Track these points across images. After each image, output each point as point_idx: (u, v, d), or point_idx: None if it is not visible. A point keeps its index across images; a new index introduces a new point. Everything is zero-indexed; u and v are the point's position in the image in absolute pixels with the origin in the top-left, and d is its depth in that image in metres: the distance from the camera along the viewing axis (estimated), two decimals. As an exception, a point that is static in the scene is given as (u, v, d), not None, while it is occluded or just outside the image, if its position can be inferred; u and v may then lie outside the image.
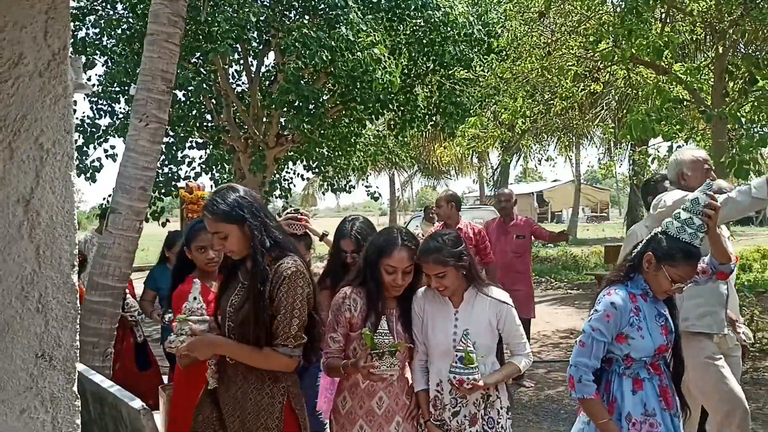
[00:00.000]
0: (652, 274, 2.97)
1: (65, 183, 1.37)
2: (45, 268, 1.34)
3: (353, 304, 3.02)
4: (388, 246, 3.03)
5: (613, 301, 2.97)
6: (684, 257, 2.90)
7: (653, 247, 3.00)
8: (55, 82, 1.37)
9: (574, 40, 8.61)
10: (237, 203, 2.62)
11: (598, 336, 2.95)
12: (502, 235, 7.27)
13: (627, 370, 2.98)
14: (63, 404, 1.35)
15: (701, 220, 2.95)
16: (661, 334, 2.96)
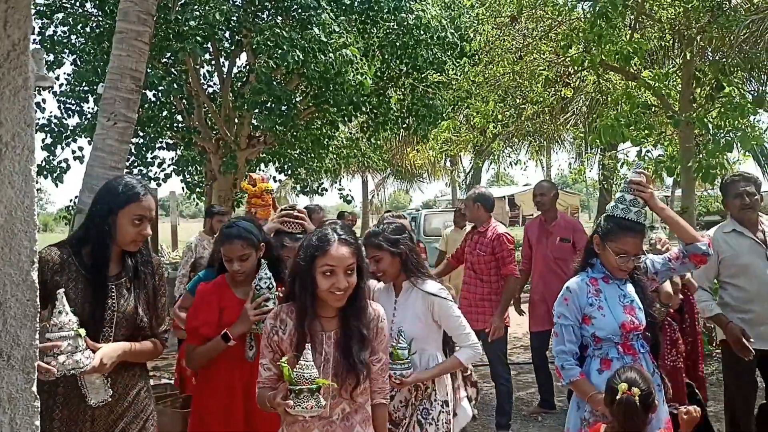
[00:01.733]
0: (603, 254, 3.15)
1: (25, 177, 1.33)
2: (3, 265, 1.30)
3: (281, 326, 2.52)
4: (322, 244, 2.48)
5: (568, 285, 3.18)
6: (619, 230, 3.08)
7: (598, 230, 3.21)
8: (15, 73, 1.33)
9: (545, 45, 8.70)
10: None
11: (563, 321, 3.12)
12: (543, 237, 6.22)
13: (597, 351, 3.10)
14: (21, 405, 1.31)
15: (632, 195, 3.15)
16: (624, 313, 3.08)
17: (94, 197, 2.71)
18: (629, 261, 3.09)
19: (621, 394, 2.73)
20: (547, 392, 6.21)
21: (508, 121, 9.96)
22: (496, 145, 11.85)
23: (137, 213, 2.65)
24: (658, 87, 7.74)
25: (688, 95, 7.93)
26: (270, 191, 4.64)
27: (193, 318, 3.26)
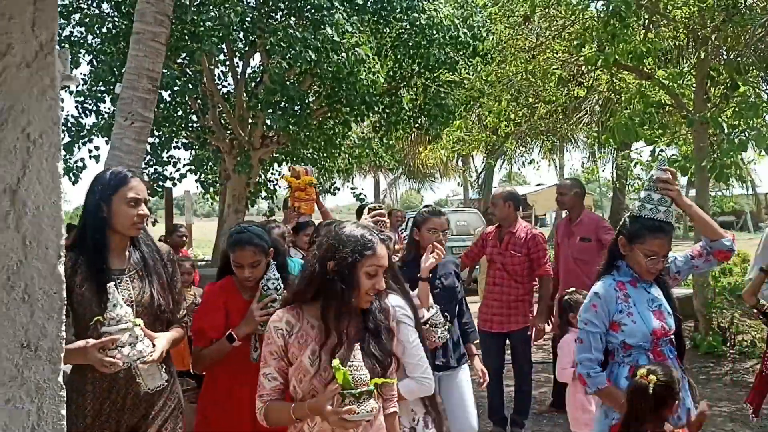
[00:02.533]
0: (630, 257, 3.03)
1: (52, 174, 1.37)
2: (31, 259, 1.35)
3: (288, 329, 2.33)
4: (370, 244, 2.36)
5: (596, 291, 3.04)
6: (648, 231, 2.97)
7: (622, 231, 3.09)
8: (42, 73, 1.38)
9: (559, 44, 8.68)
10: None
11: (591, 327, 2.99)
12: (566, 237, 6.07)
13: (626, 358, 2.99)
14: (48, 394, 1.36)
15: (659, 193, 3.03)
16: (655, 319, 2.97)
17: (86, 193, 2.72)
18: (659, 262, 3.00)
19: (638, 378, 2.70)
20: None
21: (521, 121, 9.94)
22: (508, 144, 11.85)
23: (130, 195, 2.67)
24: (672, 86, 7.71)
25: (702, 94, 7.89)
26: (314, 184, 4.54)
27: (200, 320, 3.26)
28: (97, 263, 2.60)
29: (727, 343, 7.88)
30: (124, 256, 2.72)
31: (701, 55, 7.87)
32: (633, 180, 11.20)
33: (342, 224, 2.46)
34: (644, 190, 3.13)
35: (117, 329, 2.42)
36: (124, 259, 2.71)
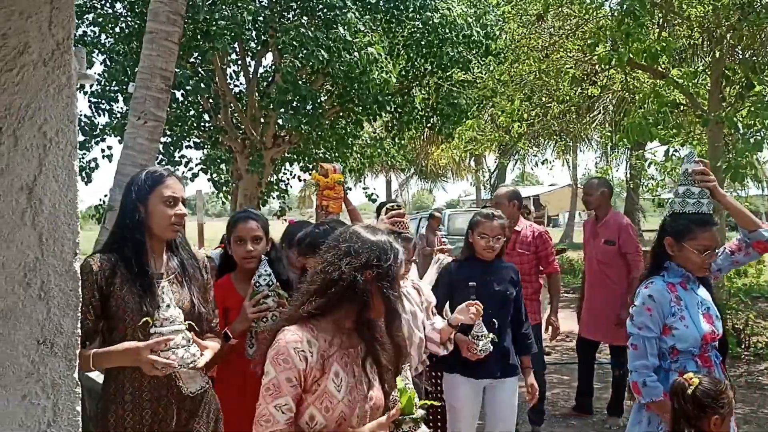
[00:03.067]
0: (681, 256, 2.94)
1: (68, 172, 1.38)
2: (47, 256, 1.35)
3: (309, 348, 2.02)
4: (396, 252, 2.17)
5: (650, 293, 2.94)
6: (697, 226, 2.89)
7: (667, 231, 3.00)
8: (59, 71, 1.38)
9: (572, 44, 8.64)
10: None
11: (646, 333, 2.90)
12: (591, 237, 5.91)
13: (674, 364, 2.89)
14: (64, 390, 1.36)
15: (699, 186, 2.96)
16: (705, 323, 2.89)
17: (122, 195, 2.64)
18: (713, 256, 2.93)
19: (680, 379, 2.62)
20: (587, 396, 6.05)
21: (534, 120, 9.92)
22: (521, 144, 11.81)
23: (167, 194, 2.55)
24: (686, 85, 7.66)
25: (717, 94, 7.84)
26: (342, 182, 4.46)
27: None
28: (137, 265, 2.49)
29: (741, 344, 7.82)
30: (162, 260, 2.62)
31: (716, 54, 7.81)
32: (647, 180, 11.14)
33: (361, 229, 2.19)
34: (680, 185, 3.04)
35: (170, 330, 2.33)
36: (162, 263, 2.61)
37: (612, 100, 11.83)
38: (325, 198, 4.28)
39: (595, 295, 5.79)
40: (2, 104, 1.33)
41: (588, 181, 6.33)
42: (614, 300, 5.56)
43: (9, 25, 1.33)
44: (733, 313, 8.19)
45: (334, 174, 4.36)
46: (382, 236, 2.17)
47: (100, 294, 2.41)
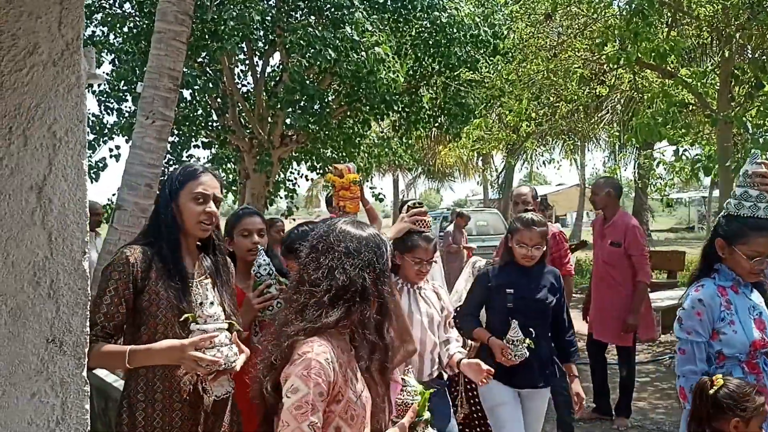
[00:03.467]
0: (731, 259, 2.86)
1: (77, 171, 1.39)
2: (57, 255, 1.36)
3: (335, 359, 1.91)
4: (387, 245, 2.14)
5: (699, 297, 2.85)
6: (751, 230, 2.80)
7: (720, 232, 2.90)
8: (68, 71, 1.39)
9: (580, 43, 8.62)
10: None
11: (695, 337, 2.81)
12: (599, 238, 5.90)
13: (719, 370, 2.78)
14: (73, 389, 1.37)
15: (758, 189, 2.85)
16: (755, 329, 2.81)
17: (159, 192, 2.60)
18: (764, 263, 2.82)
19: (706, 378, 2.58)
20: (603, 397, 5.96)
21: (542, 120, 9.90)
22: (529, 143, 11.79)
23: (196, 190, 2.47)
24: (695, 85, 7.63)
25: (726, 93, 7.80)
26: (358, 182, 4.42)
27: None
28: (173, 261, 2.43)
29: None
30: (195, 258, 2.56)
31: (725, 54, 7.78)
32: (655, 180, 11.09)
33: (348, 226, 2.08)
34: (739, 186, 2.93)
35: (214, 327, 2.26)
36: (194, 261, 2.55)
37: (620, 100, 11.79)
38: (341, 198, 4.24)
39: (601, 296, 5.76)
40: (12, 104, 1.34)
41: (595, 180, 6.28)
42: (619, 301, 5.54)
43: (19, 25, 1.34)
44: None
45: (349, 174, 4.33)
46: (370, 230, 2.10)
47: (134, 287, 2.33)
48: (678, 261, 12.28)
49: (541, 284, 3.78)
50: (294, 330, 1.92)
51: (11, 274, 1.33)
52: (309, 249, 2.04)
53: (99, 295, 2.30)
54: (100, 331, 2.26)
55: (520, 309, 3.61)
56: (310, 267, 1.99)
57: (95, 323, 2.23)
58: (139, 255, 2.37)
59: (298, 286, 2.01)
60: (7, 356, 1.32)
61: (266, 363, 1.93)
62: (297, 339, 1.90)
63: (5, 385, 1.32)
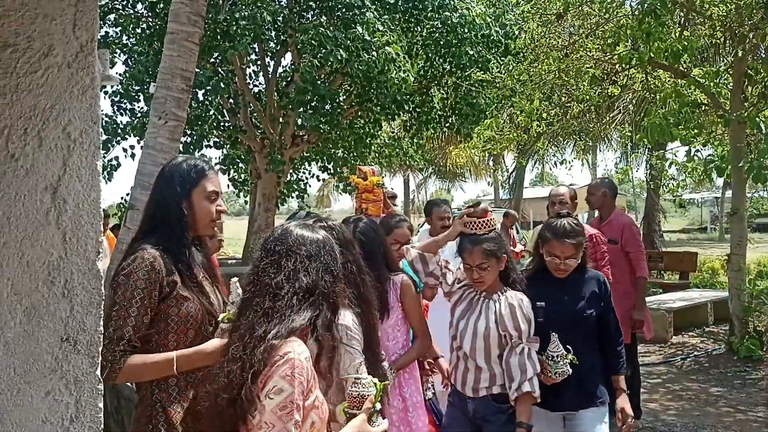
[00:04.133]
0: None
1: (91, 172, 1.40)
2: (71, 255, 1.37)
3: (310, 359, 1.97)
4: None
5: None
6: None
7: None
8: (82, 73, 1.40)
9: (592, 43, 8.58)
10: None
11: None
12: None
13: None
14: (86, 387, 1.38)
15: None
16: None
17: (157, 188, 2.45)
18: None
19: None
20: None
21: (553, 120, 9.86)
22: (540, 144, 11.75)
23: (210, 189, 2.43)
24: (708, 85, 7.58)
25: (739, 94, 7.74)
26: (381, 185, 4.36)
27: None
28: (187, 263, 2.37)
29: (764, 347, 7.71)
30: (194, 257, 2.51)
31: (738, 54, 7.72)
32: (667, 180, 11.02)
33: (299, 228, 2.09)
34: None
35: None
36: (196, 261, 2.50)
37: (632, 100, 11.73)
38: (363, 201, 4.19)
39: None
40: (27, 105, 1.35)
41: (592, 181, 6.23)
42: (617, 299, 5.44)
43: (34, 27, 1.35)
44: (755, 316, 8.08)
45: (373, 177, 4.28)
46: (323, 232, 2.12)
47: (159, 294, 2.24)
48: (690, 262, 12.21)
49: (578, 294, 3.40)
50: (269, 332, 1.88)
51: (26, 273, 1.35)
52: (265, 252, 2.02)
53: (125, 306, 2.16)
54: (127, 344, 2.16)
55: (554, 323, 3.26)
56: (270, 270, 1.97)
57: (122, 337, 2.14)
58: (160, 259, 2.26)
59: (256, 289, 1.97)
60: (22, 355, 1.34)
61: (239, 369, 1.85)
62: (274, 341, 1.87)
63: (20, 383, 1.33)
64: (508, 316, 3.14)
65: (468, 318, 3.24)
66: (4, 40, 1.34)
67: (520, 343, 3.12)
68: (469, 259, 3.17)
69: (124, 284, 2.17)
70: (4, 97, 1.34)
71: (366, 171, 4.29)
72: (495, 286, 3.24)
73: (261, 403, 1.80)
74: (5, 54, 1.34)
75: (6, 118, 1.34)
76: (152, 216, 2.40)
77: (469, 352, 3.19)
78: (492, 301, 3.21)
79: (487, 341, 3.15)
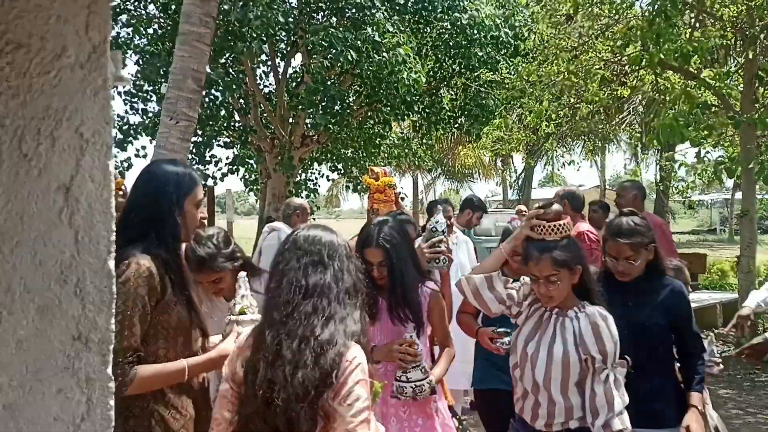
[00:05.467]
0: None
1: (104, 172, 1.41)
2: (83, 254, 1.38)
3: None
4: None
5: None
6: None
7: None
8: (95, 74, 1.41)
9: (602, 44, 8.57)
10: None
11: None
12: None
13: None
14: (98, 385, 1.39)
15: None
16: None
17: (150, 193, 2.37)
18: None
19: None
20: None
21: (562, 121, 9.84)
22: (549, 145, 11.73)
23: (199, 197, 2.44)
24: (718, 87, 7.55)
25: (750, 95, 7.71)
26: (393, 186, 4.34)
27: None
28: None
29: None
30: None
31: (749, 55, 7.69)
32: (677, 182, 10.98)
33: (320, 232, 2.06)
34: None
35: (250, 318, 2.31)
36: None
37: (642, 101, 11.69)
38: (375, 201, 4.16)
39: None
40: (40, 106, 1.37)
41: (621, 183, 6.18)
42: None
43: (47, 28, 1.36)
44: (764, 318, 8.04)
45: (385, 177, 4.26)
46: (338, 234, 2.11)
47: (155, 301, 2.23)
48: (700, 263, 12.14)
49: (645, 302, 3.06)
50: (335, 337, 1.84)
51: (39, 272, 1.36)
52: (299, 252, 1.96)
53: (128, 315, 2.14)
54: (133, 354, 2.14)
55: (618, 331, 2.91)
56: (310, 270, 1.92)
57: (130, 347, 2.12)
58: (152, 265, 2.24)
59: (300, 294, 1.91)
60: (34, 353, 1.35)
61: (305, 376, 1.79)
62: (342, 348, 1.84)
63: (32, 381, 1.35)
64: (590, 337, 2.64)
65: (539, 341, 2.73)
66: (17, 41, 1.35)
67: (604, 368, 2.63)
68: (536, 269, 2.69)
69: (123, 293, 2.11)
70: (18, 97, 1.35)
71: (378, 171, 4.28)
72: (570, 301, 2.74)
73: (337, 411, 1.78)
74: (19, 55, 1.36)
75: (20, 119, 1.35)
76: (143, 221, 2.32)
77: (543, 382, 2.69)
78: (568, 319, 2.71)
79: (566, 368, 2.66)
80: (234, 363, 1.96)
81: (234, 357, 1.99)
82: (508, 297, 2.85)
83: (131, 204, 2.37)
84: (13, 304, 1.32)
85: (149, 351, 2.22)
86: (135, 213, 2.33)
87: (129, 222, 2.31)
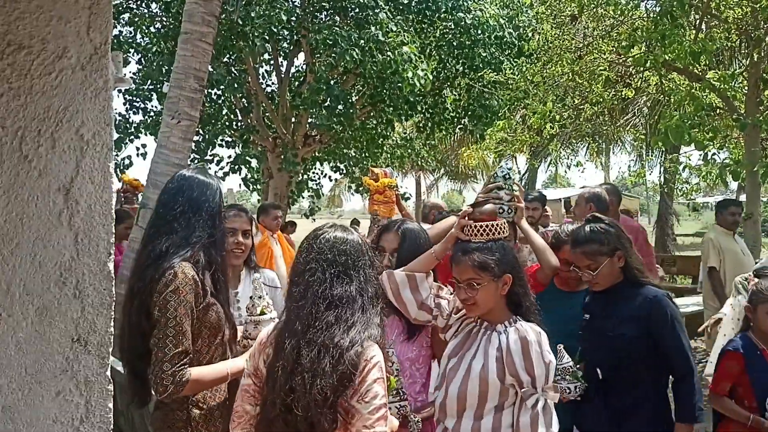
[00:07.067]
0: None
1: (104, 173, 1.41)
2: (83, 256, 1.38)
3: None
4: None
5: None
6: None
7: None
8: (96, 75, 1.41)
9: (606, 45, 8.55)
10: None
11: None
12: None
13: None
14: (97, 388, 1.39)
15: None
16: None
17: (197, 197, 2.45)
18: None
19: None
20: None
21: (566, 122, 9.83)
22: (553, 146, 11.72)
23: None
24: (723, 88, 7.53)
25: (754, 97, 7.68)
26: (393, 187, 4.28)
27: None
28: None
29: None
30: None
31: (754, 57, 7.67)
32: (681, 184, 10.96)
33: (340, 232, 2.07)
34: None
35: (269, 317, 2.47)
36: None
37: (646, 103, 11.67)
38: (375, 202, 4.10)
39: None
40: (41, 107, 1.36)
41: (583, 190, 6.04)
42: None
43: (48, 29, 1.36)
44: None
45: (385, 178, 4.21)
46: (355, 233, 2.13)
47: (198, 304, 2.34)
48: (703, 266, 12.11)
49: (613, 312, 2.91)
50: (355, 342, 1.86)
51: (38, 274, 1.36)
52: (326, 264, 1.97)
53: (180, 321, 2.24)
54: (185, 357, 2.25)
55: (589, 341, 2.87)
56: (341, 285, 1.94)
57: (186, 351, 2.24)
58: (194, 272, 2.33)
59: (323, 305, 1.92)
60: (33, 355, 1.35)
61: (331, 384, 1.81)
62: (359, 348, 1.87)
63: (31, 383, 1.34)
64: (518, 355, 2.32)
65: (462, 356, 2.45)
66: (18, 42, 1.35)
67: (532, 393, 2.30)
68: (456, 272, 2.45)
69: (175, 300, 2.25)
70: (19, 98, 1.35)
71: (378, 172, 4.23)
72: (500, 314, 2.45)
73: (356, 408, 1.82)
74: (20, 56, 1.35)
75: (20, 120, 1.35)
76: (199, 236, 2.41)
77: (456, 401, 2.37)
78: (496, 333, 2.42)
79: (484, 383, 2.34)
80: (256, 359, 2.02)
81: (256, 353, 2.04)
82: (436, 306, 2.65)
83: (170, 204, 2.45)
84: (13, 306, 1.32)
85: (194, 348, 2.36)
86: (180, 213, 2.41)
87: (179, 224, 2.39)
